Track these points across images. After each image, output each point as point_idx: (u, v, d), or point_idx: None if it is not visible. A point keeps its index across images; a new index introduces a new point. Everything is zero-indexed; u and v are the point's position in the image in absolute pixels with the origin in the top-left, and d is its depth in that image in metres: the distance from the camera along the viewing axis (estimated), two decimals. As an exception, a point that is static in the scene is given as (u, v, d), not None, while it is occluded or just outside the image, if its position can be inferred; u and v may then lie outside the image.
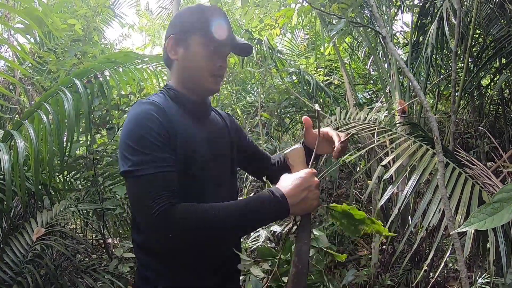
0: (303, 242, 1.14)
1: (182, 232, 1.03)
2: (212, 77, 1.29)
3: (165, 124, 1.14)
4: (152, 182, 1.05)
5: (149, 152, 1.08)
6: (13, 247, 2.47)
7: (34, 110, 2.19)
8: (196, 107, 1.33)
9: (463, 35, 3.86)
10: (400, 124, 2.70)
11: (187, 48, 1.27)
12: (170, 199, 1.04)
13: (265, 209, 1.09)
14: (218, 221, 1.05)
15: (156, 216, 1.01)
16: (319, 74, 4.99)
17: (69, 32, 3.58)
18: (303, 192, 1.10)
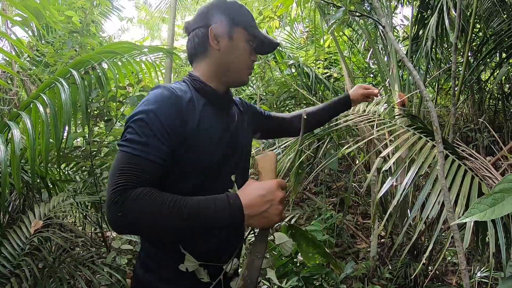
0: (256, 256, 1.08)
1: (128, 214, 0.99)
2: (247, 70, 1.36)
3: (176, 113, 1.14)
4: (130, 162, 1.05)
5: (143, 137, 1.08)
6: (11, 240, 2.46)
7: (31, 101, 2.18)
8: (221, 100, 1.35)
9: (463, 28, 3.85)
10: (399, 116, 2.68)
11: (231, 40, 1.30)
12: (135, 182, 1.02)
13: (218, 216, 1.03)
14: (165, 215, 1.00)
15: (113, 192, 1.00)
16: (318, 67, 4.97)
17: (66, 24, 3.56)
18: (264, 205, 1.05)
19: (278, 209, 1.07)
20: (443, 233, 3.25)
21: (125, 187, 1.01)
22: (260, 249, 1.09)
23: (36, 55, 4.03)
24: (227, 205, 1.04)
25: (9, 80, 4.05)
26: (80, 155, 2.73)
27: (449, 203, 1.38)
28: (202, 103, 1.26)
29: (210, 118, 1.25)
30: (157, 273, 1.23)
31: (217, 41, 1.29)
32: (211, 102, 1.29)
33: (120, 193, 1.00)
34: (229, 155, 1.30)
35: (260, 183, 1.10)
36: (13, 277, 2.29)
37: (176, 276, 1.20)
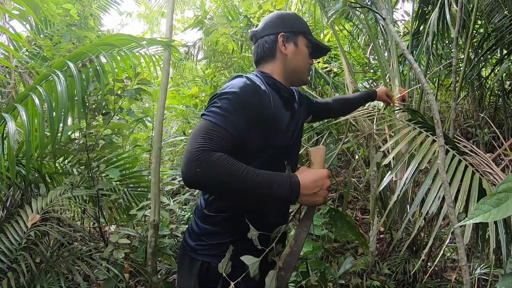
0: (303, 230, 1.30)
1: (207, 172, 1.14)
2: (307, 71, 1.62)
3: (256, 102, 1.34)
4: (211, 128, 1.22)
5: (225, 111, 1.26)
6: (8, 235, 2.45)
7: (28, 93, 2.15)
8: (288, 95, 1.56)
9: (464, 24, 3.82)
10: (399, 110, 2.66)
11: (296, 46, 1.55)
12: (213, 146, 1.18)
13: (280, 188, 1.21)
14: (239, 179, 1.17)
15: (194, 151, 1.15)
16: (318, 61, 4.94)
17: (64, 17, 3.53)
18: (316, 188, 1.25)
19: (325, 193, 1.28)
20: (442, 229, 3.24)
21: (206, 148, 1.17)
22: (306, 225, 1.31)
23: (34, 49, 4.00)
24: (289, 181, 1.23)
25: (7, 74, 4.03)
26: (76, 148, 2.71)
27: (449, 198, 1.36)
28: (275, 96, 1.46)
29: (280, 109, 1.46)
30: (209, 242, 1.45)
31: (285, 46, 1.53)
32: (280, 96, 1.50)
33: (201, 153, 1.15)
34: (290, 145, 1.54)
35: (314, 170, 1.30)
36: (10, 271, 2.28)
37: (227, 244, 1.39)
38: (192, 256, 1.46)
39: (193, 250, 1.47)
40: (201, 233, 1.47)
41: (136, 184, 3.38)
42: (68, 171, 3.14)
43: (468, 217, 0.99)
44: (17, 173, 2.77)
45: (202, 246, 1.45)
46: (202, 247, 1.45)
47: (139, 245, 2.64)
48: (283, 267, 1.23)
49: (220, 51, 4.44)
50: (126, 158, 3.30)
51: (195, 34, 27.36)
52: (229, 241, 1.41)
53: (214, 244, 1.44)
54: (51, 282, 2.38)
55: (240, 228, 1.38)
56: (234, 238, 1.42)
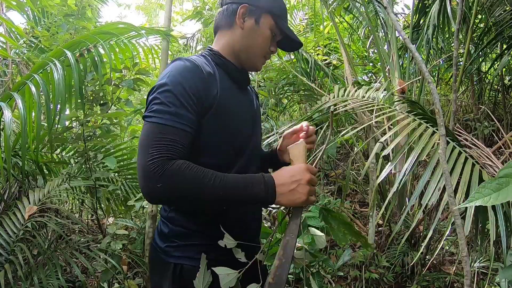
0: (291, 237, 1.14)
1: (168, 186, 1.03)
2: (263, 58, 1.38)
3: (199, 83, 1.17)
4: (161, 132, 1.08)
5: (171, 106, 1.10)
6: (6, 227, 2.43)
7: (24, 81, 2.13)
8: (239, 76, 1.39)
9: (464, 18, 3.81)
10: (399, 101, 2.65)
11: (256, 24, 1.33)
12: (171, 153, 1.06)
13: (254, 189, 1.10)
14: (206, 187, 1.05)
15: (150, 164, 1.03)
16: (317, 54, 4.92)
17: (62, 7, 3.50)
18: (292, 184, 1.12)
19: (305, 188, 1.12)
20: (441, 222, 3.24)
21: (162, 158, 1.04)
22: (293, 230, 1.15)
23: (31, 40, 3.97)
24: (263, 181, 1.11)
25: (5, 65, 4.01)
26: (73, 137, 2.69)
27: (450, 187, 1.35)
28: (224, 76, 1.30)
29: (229, 91, 1.29)
30: (180, 243, 1.27)
31: (243, 20, 1.33)
32: (231, 76, 1.34)
33: (157, 165, 1.02)
34: (249, 132, 1.38)
35: (290, 167, 1.18)
36: (7, 263, 2.27)
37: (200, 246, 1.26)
38: (163, 258, 1.29)
39: (164, 252, 1.29)
40: (170, 235, 1.29)
41: (134, 176, 3.37)
42: (65, 160, 3.12)
43: (468, 200, 0.98)
44: (14, 165, 2.75)
45: (173, 247, 1.28)
46: (174, 249, 1.27)
47: (137, 236, 2.63)
48: (274, 282, 1.09)
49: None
50: (124, 149, 3.29)
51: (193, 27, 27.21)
52: (204, 244, 1.26)
53: (186, 245, 1.27)
54: (49, 274, 2.37)
55: (215, 229, 1.24)
56: (209, 241, 1.26)
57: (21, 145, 2.10)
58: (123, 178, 3.25)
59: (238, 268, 1.22)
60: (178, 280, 1.24)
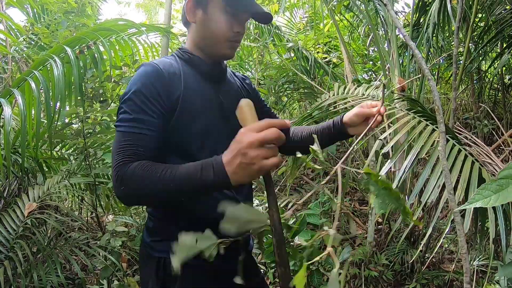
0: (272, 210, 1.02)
1: (128, 188, 1.06)
2: (228, 43, 1.28)
3: (159, 86, 1.16)
4: (124, 139, 1.11)
5: (132, 113, 1.13)
6: (5, 223, 2.44)
7: (24, 78, 2.13)
8: (211, 71, 1.33)
9: (464, 16, 3.81)
10: (399, 99, 2.65)
11: (205, 12, 1.26)
12: (130, 157, 1.08)
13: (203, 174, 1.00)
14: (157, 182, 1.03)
15: (114, 169, 1.08)
16: (317, 52, 4.92)
17: (62, 5, 3.50)
18: (236, 158, 0.96)
19: (250, 156, 0.94)
20: (440, 220, 3.24)
21: (124, 162, 1.07)
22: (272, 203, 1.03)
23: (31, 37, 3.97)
24: (211, 165, 0.99)
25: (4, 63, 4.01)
26: (72, 133, 2.69)
27: (450, 185, 1.35)
28: (190, 73, 1.27)
29: (197, 88, 1.26)
30: (162, 236, 1.30)
31: (193, 13, 1.28)
32: (200, 72, 1.30)
33: (119, 170, 1.06)
34: (220, 125, 1.30)
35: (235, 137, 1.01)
36: (6, 260, 2.27)
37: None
38: (149, 252, 1.31)
39: (149, 246, 1.32)
40: (154, 229, 1.32)
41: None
42: (65, 157, 3.12)
43: (469, 202, 0.98)
44: (14, 162, 2.75)
45: (157, 242, 1.30)
46: (158, 243, 1.30)
47: (136, 233, 2.63)
48: (279, 260, 1.03)
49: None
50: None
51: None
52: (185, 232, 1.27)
53: (169, 240, 1.20)
54: (48, 271, 2.37)
55: (190, 220, 1.27)
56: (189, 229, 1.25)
57: (21, 142, 2.10)
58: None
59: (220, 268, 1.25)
60: (162, 273, 1.26)
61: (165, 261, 1.26)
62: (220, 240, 1.04)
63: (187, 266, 1.21)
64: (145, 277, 1.33)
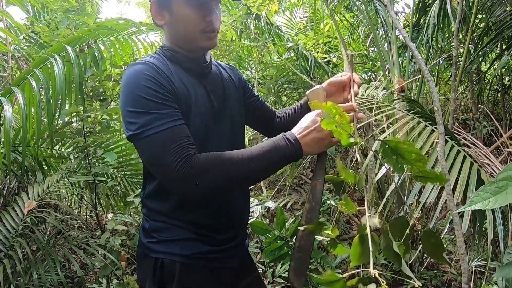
0: (318, 181, 1.18)
1: (207, 180, 1.06)
2: (204, 34, 1.24)
3: (162, 80, 1.14)
4: (163, 139, 1.07)
5: (152, 111, 1.08)
6: (5, 222, 2.44)
7: (25, 76, 2.13)
8: (195, 65, 1.30)
9: (464, 17, 3.81)
10: (398, 100, 2.65)
11: (171, 12, 1.22)
12: (187, 150, 1.07)
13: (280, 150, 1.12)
14: (238, 166, 1.08)
15: (178, 170, 1.04)
16: (317, 51, 4.93)
17: (62, 3, 3.50)
18: (311, 133, 1.13)
19: (324, 133, 1.11)
20: (439, 221, 3.25)
21: (186, 158, 1.05)
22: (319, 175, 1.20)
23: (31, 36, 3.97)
24: (284, 139, 1.13)
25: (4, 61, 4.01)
26: (72, 132, 2.69)
27: (449, 185, 1.36)
28: (177, 70, 1.25)
29: (186, 83, 1.24)
30: (159, 237, 1.28)
31: (160, 16, 1.25)
32: (184, 68, 1.28)
33: (185, 167, 1.04)
34: (209, 117, 1.29)
35: (306, 116, 1.18)
36: (6, 258, 2.27)
37: (178, 238, 1.26)
38: (146, 253, 1.30)
39: (146, 247, 1.30)
40: (150, 230, 1.30)
41: (133, 171, 3.37)
42: (65, 156, 3.13)
43: (468, 204, 0.98)
44: (14, 160, 2.76)
45: (153, 243, 1.28)
46: (154, 244, 1.28)
47: (136, 232, 2.63)
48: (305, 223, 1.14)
49: (219, 39, 4.40)
50: (123, 145, 3.29)
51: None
52: (183, 238, 1.26)
53: (166, 240, 1.27)
54: (48, 269, 2.38)
55: (193, 223, 1.26)
56: (188, 236, 1.26)
57: (21, 140, 2.10)
58: (122, 174, 3.25)
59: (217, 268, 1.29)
60: (159, 274, 1.25)
61: (162, 262, 1.25)
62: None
63: (184, 266, 1.24)
64: (143, 278, 1.32)
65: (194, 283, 1.27)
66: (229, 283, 1.37)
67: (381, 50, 3.58)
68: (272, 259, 2.36)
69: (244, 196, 1.44)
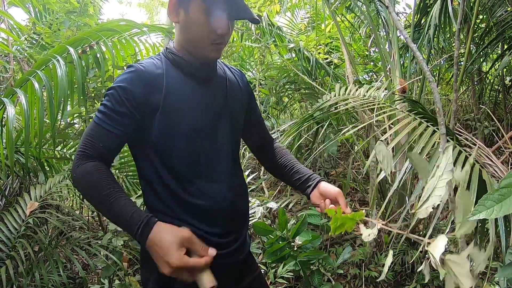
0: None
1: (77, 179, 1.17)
2: (212, 46, 1.23)
3: (140, 87, 1.19)
4: (92, 129, 1.19)
5: (106, 109, 1.19)
6: (7, 223, 2.44)
7: (27, 77, 2.14)
8: (197, 71, 1.29)
9: (465, 18, 3.82)
10: (400, 101, 2.66)
11: (187, 12, 1.20)
12: (90, 150, 1.17)
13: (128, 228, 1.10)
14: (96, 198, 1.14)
15: (77, 154, 1.18)
16: (318, 52, 4.93)
17: (64, 4, 3.51)
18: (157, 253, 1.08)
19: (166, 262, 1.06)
20: (441, 221, 3.25)
21: (83, 154, 1.17)
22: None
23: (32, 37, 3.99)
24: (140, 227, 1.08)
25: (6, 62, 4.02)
26: (75, 133, 2.70)
27: (450, 186, 1.36)
28: (175, 74, 1.26)
29: (180, 88, 1.25)
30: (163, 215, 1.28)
31: (176, 12, 1.24)
32: (185, 73, 1.28)
33: (79, 158, 1.17)
34: (208, 125, 1.29)
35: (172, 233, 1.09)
36: (8, 259, 2.28)
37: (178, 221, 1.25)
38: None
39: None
40: None
41: (134, 173, 3.37)
42: (67, 156, 3.13)
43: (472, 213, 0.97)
44: (16, 161, 2.77)
45: None
46: None
47: (137, 233, 2.63)
48: None
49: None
50: (125, 146, 3.29)
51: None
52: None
53: None
54: (50, 270, 2.38)
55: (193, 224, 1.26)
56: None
57: (23, 141, 2.11)
58: (124, 175, 3.25)
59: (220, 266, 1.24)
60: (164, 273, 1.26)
61: None
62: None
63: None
64: (146, 277, 1.33)
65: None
66: (232, 281, 1.39)
67: (383, 50, 3.58)
68: (274, 259, 2.36)
69: (243, 197, 1.45)
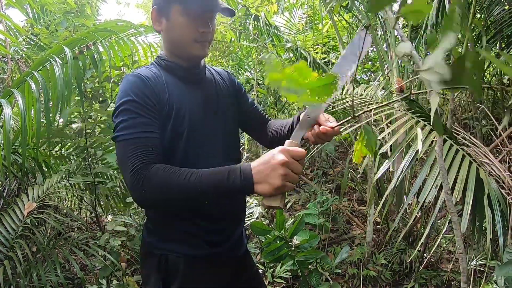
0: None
1: (150, 190, 1.08)
2: (197, 44, 1.31)
3: (149, 93, 1.22)
4: (130, 145, 1.14)
5: (129, 119, 1.17)
6: (5, 223, 2.44)
7: (24, 78, 2.13)
8: (188, 73, 1.37)
9: (463, 16, 3.82)
10: (397, 100, 2.66)
11: (168, 19, 1.30)
12: (145, 159, 1.12)
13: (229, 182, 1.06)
14: (183, 185, 1.07)
15: (131, 175, 1.10)
16: (316, 52, 4.93)
17: (61, 5, 3.51)
18: (266, 169, 1.04)
19: (277, 172, 1.02)
20: (438, 220, 3.25)
21: (139, 166, 1.10)
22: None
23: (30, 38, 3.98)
24: (239, 170, 1.07)
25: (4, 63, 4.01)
26: (74, 133, 2.70)
27: (447, 185, 1.36)
28: (171, 79, 1.32)
29: (178, 92, 1.31)
30: (162, 236, 1.35)
31: (158, 22, 1.33)
32: (179, 77, 1.35)
33: (138, 173, 1.09)
34: (203, 125, 1.34)
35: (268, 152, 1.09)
36: (6, 260, 2.27)
37: (180, 237, 1.33)
38: (150, 251, 1.36)
39: (150, 245, 1.37)
40: (153, 228, 1.38)
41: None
42: (64, 155, 3.13)
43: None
44: (14, 162, 2.76)
45: (157, 240, 1.35)
46: (157, 241, 1.35)
47: (135, 233, 2.64)
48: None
49: (218, 40, 4.41)
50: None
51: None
52: (185, 237, 1.33)
53: (169, 239, 1.34)
54: (48, 271, 2.38)
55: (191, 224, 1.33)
56: (187, 237, 1.33)
57: (21, 142, 2.11)
58: (122, 175, 3.25)
59: (218, 263, 1.36)
60: (164, 270, 1.31)
61: (166, 258, 1.31)
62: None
63: (188, 262, 1.31)
64: (146, 276, 1.37)
65: (198, 277, 1.33)
66: (230, 277, 1.44)
67: (380, 50, 3.58)
68: (272, 259, 2.36)
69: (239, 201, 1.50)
